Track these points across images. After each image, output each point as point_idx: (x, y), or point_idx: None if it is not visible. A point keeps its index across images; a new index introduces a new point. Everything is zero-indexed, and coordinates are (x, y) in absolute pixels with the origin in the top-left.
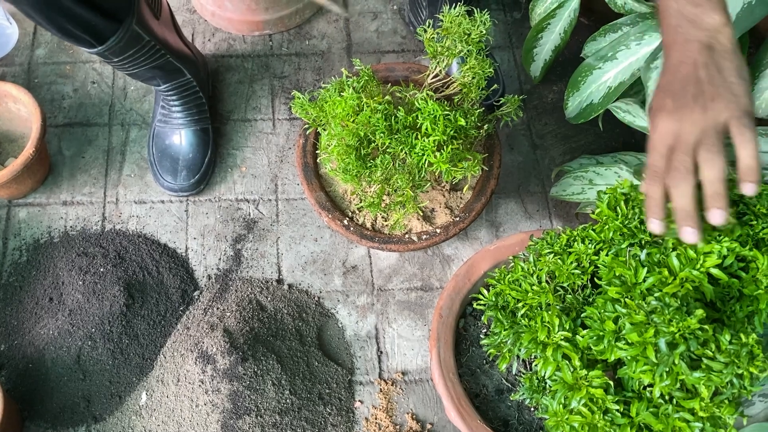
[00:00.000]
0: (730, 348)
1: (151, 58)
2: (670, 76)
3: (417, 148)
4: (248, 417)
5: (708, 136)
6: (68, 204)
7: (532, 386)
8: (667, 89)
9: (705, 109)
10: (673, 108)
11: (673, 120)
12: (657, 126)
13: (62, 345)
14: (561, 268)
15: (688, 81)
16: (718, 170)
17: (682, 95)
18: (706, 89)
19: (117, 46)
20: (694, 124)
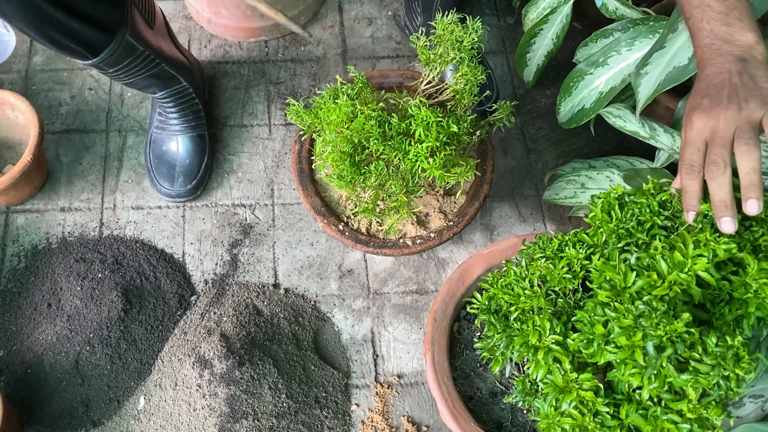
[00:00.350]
0: (717, 350)
1: (147, 67)
2: (705, 83)
3: (410, 154)
4: (245, 421)
5: (744, 130)
6: (66, 210)
7: (524, 389)
8: (702, 93)
9: (740, 108)
10: (709, 106)
11: (709, 117)
12: (693, 122)
13: (61, 350)
14: (552, 272)
15: (723, 85)
16: (754, 161)
17: (716, 96)
18: (741, 92)
19: (111, 57)
20: (729, 120)
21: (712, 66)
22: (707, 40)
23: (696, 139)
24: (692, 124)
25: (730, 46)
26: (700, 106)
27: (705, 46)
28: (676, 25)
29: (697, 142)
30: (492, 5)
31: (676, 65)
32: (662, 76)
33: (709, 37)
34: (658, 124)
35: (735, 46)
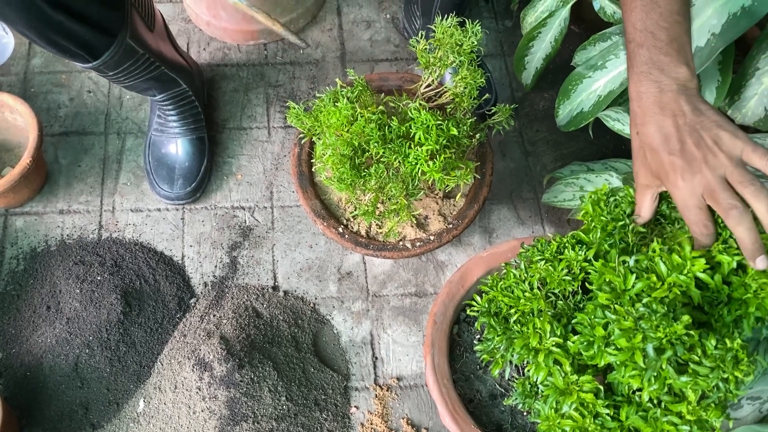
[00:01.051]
0: (716, 353)
1: (146, 70)
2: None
3: (410, 157)
4: (245, 423)
5: (737, 173)
6: (65, 213)
7: (524, 391)
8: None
9: (714, 153)
10: (684, 164)
11: (693, 174)
12: (679, 186)
13: (60, 353)
14: (552, 274)
15: (680, 132)
16: (766, 198)
17: (683, 149)
18: (703, 134)
19: (111, 60)
20: (714, 169)
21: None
22: (644, 68)
23: (691, 200)
24: (678, 186)
25: (668, 79)
26: (675, 166)
27: (642, 74)
28: None
29: (696, 201)
30: (490, 8)
31: None
32: None
33: (647, 65)
34: None
35: (672, 79)
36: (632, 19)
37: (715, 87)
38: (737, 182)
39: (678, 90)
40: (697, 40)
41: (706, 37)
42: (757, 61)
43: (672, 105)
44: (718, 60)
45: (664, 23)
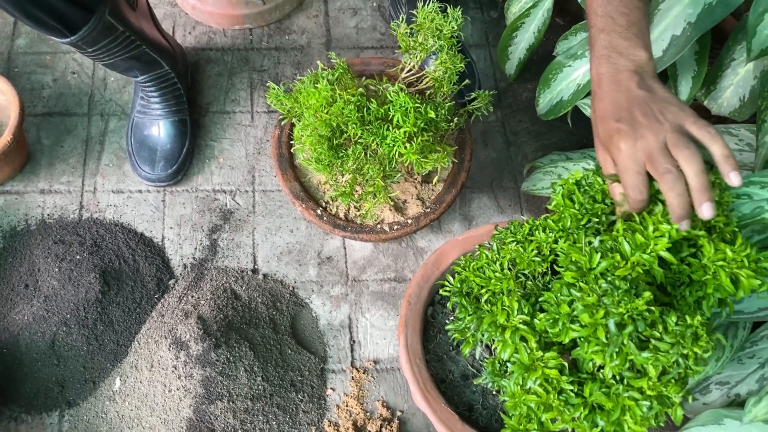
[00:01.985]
0: (676, 329)
1: (126, 48)
2: (611, 105)
3: (388, 139)
4: (220, 402)
5: (675, 138)
6: (46, 192)
7: (494, 370)
8: (613, 116)
9: (660, 121)
10: (629, 129)
11: (636, 138)
12: (621, 149)
13: (37, 331)
14: (522, 255)
15: (630, 104)
16: (698, 163)
17: (631, 117)
18: (652, 106)
19: (89, 36)
20: (657, 134)
21: (610, 82)
22: (604, 51)
23: (631, 163)
24: (620, 149)
25: (624, 60)
26: (620, 131)
27: (601, 57)
28: (652, 17)
29: (634, 166)
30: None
31: None
32: None
33: (607, 49)
34: None
35: (630, 60)
36: (594, 5)
37: (691, 77)
38: (673, 145)
39: (634, 70)
40: (674, 29)
41: (682, 26)
42: (733, 52)
43: (626, 82)
44: (695, 50)
45: (624, 9)
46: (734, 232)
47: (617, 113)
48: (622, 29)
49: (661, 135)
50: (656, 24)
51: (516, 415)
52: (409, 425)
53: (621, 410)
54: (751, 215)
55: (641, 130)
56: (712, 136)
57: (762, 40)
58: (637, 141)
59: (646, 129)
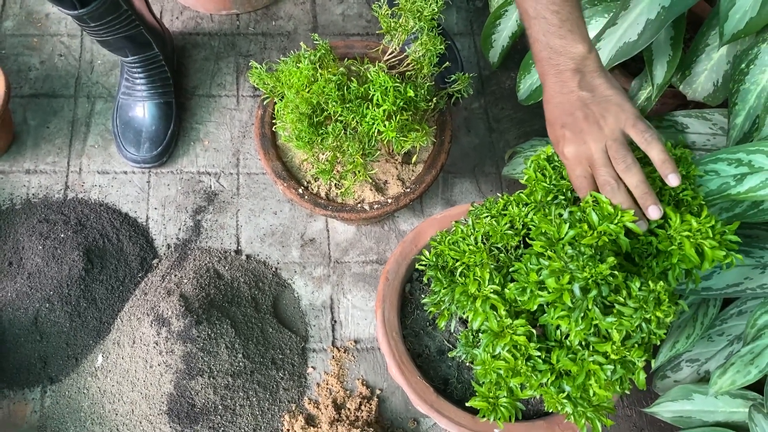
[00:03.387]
0: (640, 294)
1: (126, 27)
2: (556, 110)
3: (367, 117)
4: (201, 378)
5: (614, 148)
6: (31, 172)
7: (467, 342)
8: (559, 122)
9: (600, 126)
10: (572, 135)
11: (578, 145)
12: (566, 155)
13: (20, 307)
14: (496, 229)
15: (573, 108)
16: (636, 174)
17: (573, 122)
18: (593, 108)
19: (97, 11)
20: (597, 141)
21: (553, 83)
22: (545, 53)
23: (576, 168)
24: (566, 156)
25: (565, 59)
26: (566, 137)
27: (543, 60)
28: (629, 2)
29: (580, 171)
30: None
31: (627, 41)
32: (613, 51)
33: (546, 51)
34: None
35: (569, 58)
36: (524, 6)
37: (666, 61)
38: (613, 158)
39: (574, 69)
40: (648, 14)
41: (657, 10)
42: (707, 38)
43: (569, 83)
44: (670, 35)
45: (553, 6)
46: (701, 206)
47: (562, 118)
48: (555, 28)
49: (601, 142)
50: (632, 9)
51: (486, 383)
52: (388, 403)
53: (586, 374)
54: (717, 191)
55: (582, 136)
56: (649, 142)
57: (734, 24)
58: (580, 147)
59: (587, 135)
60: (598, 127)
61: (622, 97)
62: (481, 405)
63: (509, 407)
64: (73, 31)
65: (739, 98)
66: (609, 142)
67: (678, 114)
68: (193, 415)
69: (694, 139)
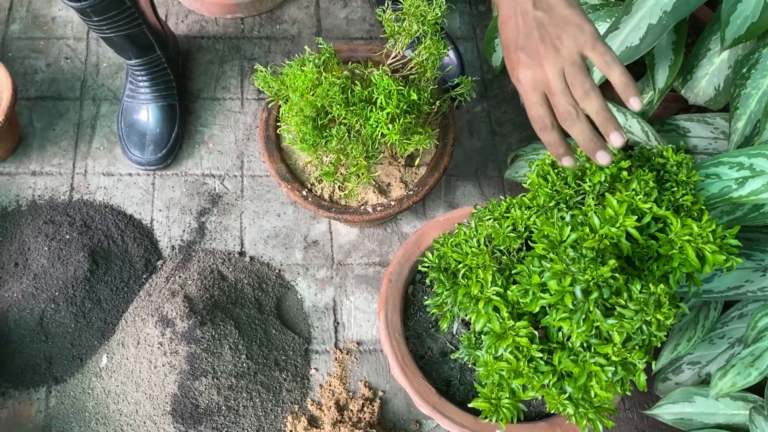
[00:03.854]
0: (640, 297)
1: (129, 24)
2: (509, 31)
3: (371, 120)
4: (205, 379)
5: (572, 73)
6: (37, 174)
7: (470, 344)
8: (513, 45)
9: (556, 48)
10: (527, 59)
11: (534, 69)
12: (521, 80)
13: (25, 307)
14: (498, 231)
15: (528, 29)
16: (596, 100)
17: (530, 45)
18: (549, 30)
19: (100, 5)
20: (554, 66)
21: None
22: None
23: (531, 95)
24: (521, 82)
25: None
26: (521, 62)
27: None
28: (630, 7)
29: (535, 98)
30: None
31: (629, 45)
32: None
33: None
34: (612, 103)
35: None
36: None
37: (668, 66)
38: (571, 83)
39: None
40: (650, 18)
41: (659, 15)
42: (708, 42)
43: (524, 3)
44: (672, 40)
45: None
46: (701, 210)
47: (516, 41)
48: None
49: (558, 66)
50: (634, 13)
51: (489, 384)
52: (390, 405)
53: (587, 376)
54: (719, 194)
55: (539, 60)
56: (609, 64)
57: (735, 29)
58: (536, 72)
59: (543, 59)
60: (555, 50)
61: (581, 17)
62: (484, 406)
63: (511, 408)
64: (79, 34)
65: (740, 102)
66: (567, 67)
67: (679, 118)
68: (197, 415)
69: (696, 143)
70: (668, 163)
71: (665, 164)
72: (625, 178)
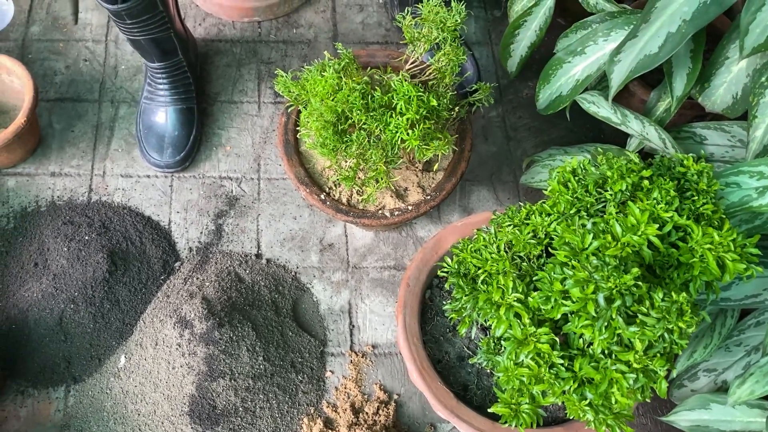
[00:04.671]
0: (663, 305)
1: (159, 28)
2: None
3: (391, 125)
4: (222, 380)
5: None
6: (56, 175)
7: (488, 349)
8: None
9: None
10: None
11: None
12: None
13: (45, 307)
14: (518, 237)
15: None
16: None
17: None
18: None
19: (136, 8)
20: None
21: None
22: None
23: None
24: None
25: None
26: None
27: None
28: (649, 15)
29: None
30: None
31: (647, 53)
32: (634, 64)
33: None
34: (630, 111)
35: None
36: None
37: (686, 74)
38: None
39: None
40: (669, 27)
41: (678, 24)
42: (726, 51)
43: None
44: (690, 48)
45: None
46: (722, 219)
47: None
48: None
49: None
50: (653, 21)
51: (509, 390)
52: (405, 408)
53: (609, 383)
54: (739, 203)
55: None
56: None
57: (754, 38)
58: None
59: None
60: None
61: None
62: (504, 411)
63: (531, 414)
64: (98, 36)
65: (759, 111)
66: None
67: (696, 125)
68: (214, 416)
69: (713, 150)
70: (689, 172)
71: (686, 173)
72: (647, 186)
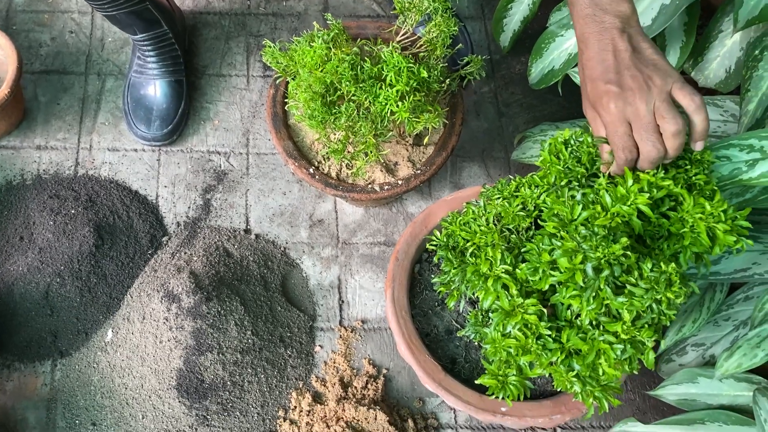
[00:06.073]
0: (651, 275)
1: (131, 3)
2: (598, 65)
3: (381, 97)
4: (210, 354)
5: (663, 108)
6: (42, 148)
7: (476, 321)
8: (602, 79)
9: (648, 86)
10: (618, 92)
11: (625, 102)
12: (610, 109)
13: (31, 281)
14: (507, 210)
15: (620, 66)
16: (679, 138)
17: (619, 80)
18: (641, 69)
19: None
20: (647, 102)
21: (597, 41)
22: (588, 10)
23: (621, 125)
24: (609, 110)
25: (610, 17)
26: (609, 92)
27: (587, 17)
28: None
29: (623, 127)
30: None
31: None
32: None
33: (590, 7)
34: None
35: (615, 17)
36: None
37: (680, 47)
38: (660, 116)
39: (620, 27)
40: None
41: None
42: (720, 24)
43: (615, 41)
44: (684, 21)
45: None
46: (713, 190)
47: (606, 75)
48: None
49: (650, 103)
50: None
51: (496, 361)
52: (394, 382)
53: (596, 354)
54: (729, 176)
55: (630, 95)
56: (698, 107)
57: (748, 10)
58: (627, 105)
59: (635, 94)
60: (647, 87)
61: (667, 63)
62: (491, 383)
63: (518, 385)
64: (83, 8)
65: (752, 85)
66: (658, 103)
67: None
68: (202, 390)
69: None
70: None
71: None
72: None
